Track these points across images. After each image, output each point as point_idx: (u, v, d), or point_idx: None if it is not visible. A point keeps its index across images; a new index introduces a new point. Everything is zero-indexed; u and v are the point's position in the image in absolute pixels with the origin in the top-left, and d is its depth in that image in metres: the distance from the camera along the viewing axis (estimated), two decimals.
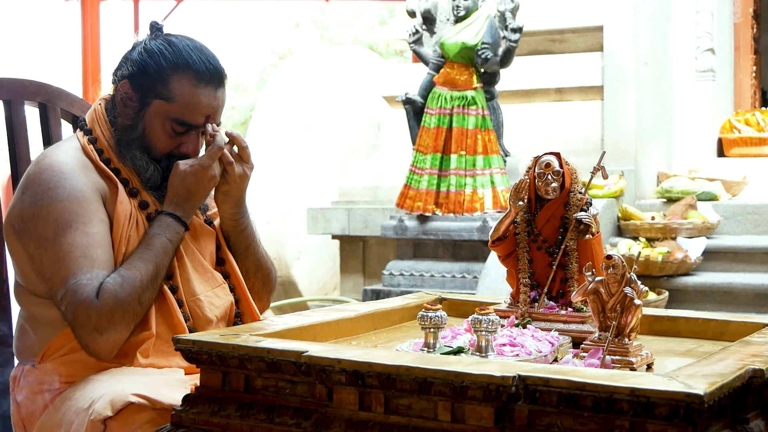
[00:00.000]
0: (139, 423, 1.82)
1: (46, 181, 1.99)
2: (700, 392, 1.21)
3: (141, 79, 2.07)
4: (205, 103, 2.07)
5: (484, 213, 4.76)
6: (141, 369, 1.98)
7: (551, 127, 5.84)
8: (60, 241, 1.94)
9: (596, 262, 1.81)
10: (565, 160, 1.89)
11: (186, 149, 2.10)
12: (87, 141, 2.08)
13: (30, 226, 1.97)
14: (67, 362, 1.99)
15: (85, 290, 1.91)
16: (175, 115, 2.06)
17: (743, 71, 7.02)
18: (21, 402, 2.04)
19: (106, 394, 1.85)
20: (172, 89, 2.05)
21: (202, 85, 2.06)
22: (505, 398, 1.30)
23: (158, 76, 2.05)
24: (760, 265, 4.95)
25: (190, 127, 2.08)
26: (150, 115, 2.07)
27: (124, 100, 2.09)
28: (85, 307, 1.90)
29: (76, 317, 1.91)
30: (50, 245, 1.95)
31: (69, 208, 1.96)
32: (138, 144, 2.08)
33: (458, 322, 1.86)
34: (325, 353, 1.42)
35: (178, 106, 2.05)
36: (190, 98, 2.05)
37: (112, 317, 1.91)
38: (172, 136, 2.08)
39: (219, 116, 2.13)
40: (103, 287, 1.92)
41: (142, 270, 1.96)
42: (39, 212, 1.97)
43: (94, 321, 1.90)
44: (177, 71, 2.05)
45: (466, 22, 4.89)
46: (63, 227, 1.95)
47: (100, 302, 1.90)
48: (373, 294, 4.97)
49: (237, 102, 16.27)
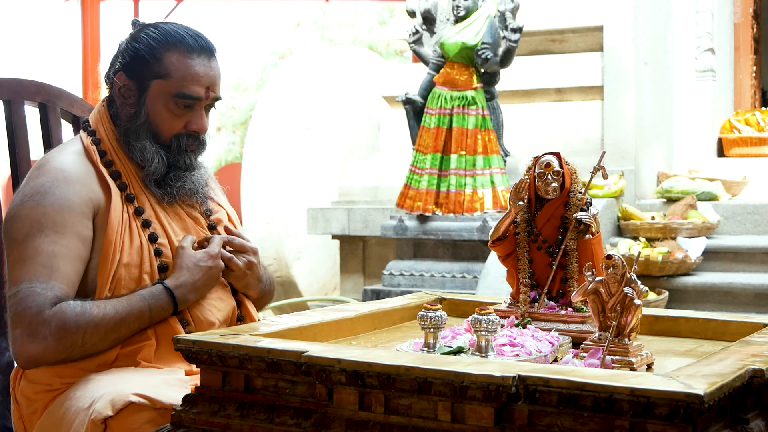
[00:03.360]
0: (140, 423, 1.82)
1: (39, 185, 1.99)
2: (700, 392, 1.21)
3: (135, 66, 2.08)
4: (202, 72, 2.07)
5: (484, 213, 4.76)
6: (141, 369, 1.98)
7: (551, 127, 5.84)
8: (27, 244, 1.94)
9: (596, 262, 1.81)
10: (565, 160, 1.89)
11: (193, 126, 2.10)
12: (90, 142, 2.08)
13: (9, 226, 1.99)
14: (68, 364, 1.99)
15: (37, 299, 1.90)
16: (175, 89, 2.06)
17: (743, 71, 7.02)
18: (21, 402, 2.04)
19: (106, 394, 1.85)
20: (166, 65, 2.06)
21: (195, 56, 2.07)
22: (505, 398, 1.30)
23: (151, 57, 2.06)
24: (760, 265, 4.95)
25: (192, 99, 2.07)
26: (151, 97, 2.07)
27: (123, 91, 2.09)
28: (32, 314, 1.89)
29: (18, 318, 1.90)
30: (16, 246, 1.95)
31: (48, 215, 1.96)
32: (145, 131, 2.07)
33: (458, 322, 1.86)
34: (325, 353, 1.42)
35: (176, 79, 2.06)
36: (186, 70, 2.06)
37: (52, 334, 1.89)
38: (177, 115, 2.08)
39: (218, 88, 2.12)
40: (61, 306, 1.90)
41: (107, 317, 1.94)
42: (19, 213, 1.98)
43: (33, 327, 1.89)
44: (168, 48, 2.06)
45: (466, 22, 4.89)
46: (34, 232, 1.95)
47: (48, 314, 1.89)
48: (373, 294, 4.97)
49: (237, 102, 16.27)
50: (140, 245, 2.03)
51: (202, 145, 2.15)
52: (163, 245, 2.07)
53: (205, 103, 2.10)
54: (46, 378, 1.99)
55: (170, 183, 2.10)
